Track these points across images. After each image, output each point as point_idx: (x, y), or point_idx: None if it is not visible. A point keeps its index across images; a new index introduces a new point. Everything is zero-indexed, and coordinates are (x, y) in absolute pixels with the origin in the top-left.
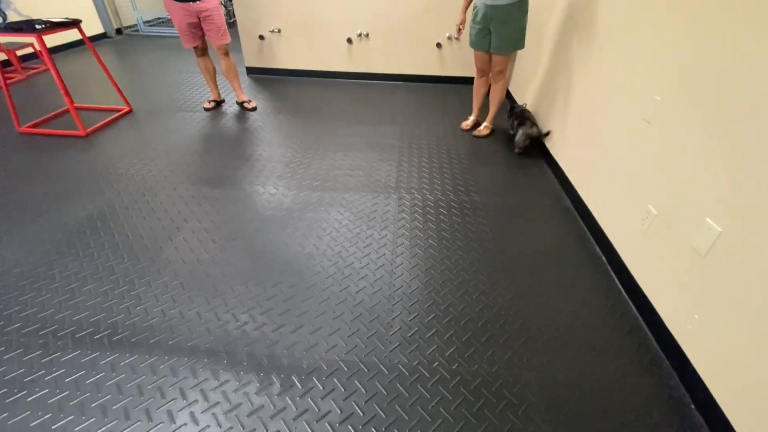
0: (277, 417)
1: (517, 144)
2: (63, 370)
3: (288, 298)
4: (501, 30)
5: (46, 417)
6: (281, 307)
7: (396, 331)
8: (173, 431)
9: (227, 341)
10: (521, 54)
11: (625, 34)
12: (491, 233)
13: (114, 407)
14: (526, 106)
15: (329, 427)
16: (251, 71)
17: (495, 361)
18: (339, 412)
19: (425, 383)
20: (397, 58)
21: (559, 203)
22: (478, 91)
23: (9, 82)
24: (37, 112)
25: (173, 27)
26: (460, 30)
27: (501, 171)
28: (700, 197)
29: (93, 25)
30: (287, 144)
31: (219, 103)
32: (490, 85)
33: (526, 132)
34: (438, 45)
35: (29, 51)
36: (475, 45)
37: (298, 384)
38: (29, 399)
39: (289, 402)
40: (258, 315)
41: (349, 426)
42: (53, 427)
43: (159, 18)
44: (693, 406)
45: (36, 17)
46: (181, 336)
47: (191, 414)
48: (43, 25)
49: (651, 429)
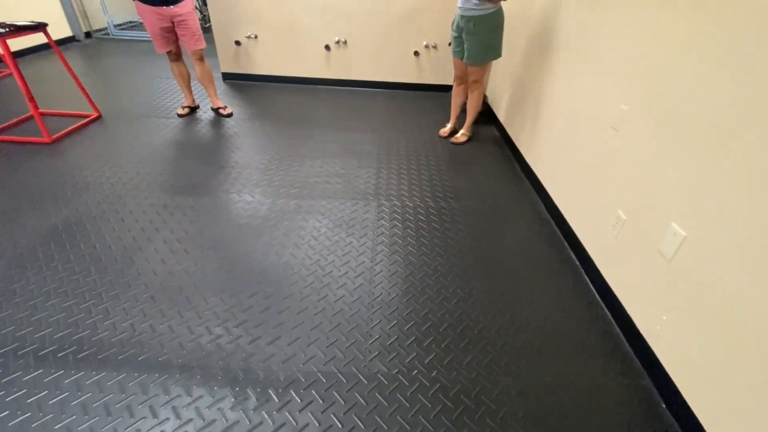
0: None
1: None
2: (24, 390)
3: (264, 309)
4: (471, 40)
5: None
6: (257, 319)
7: (375, 340)
8: None
9: (200, 355)
10: (497, 63)
11: (594, 45)
12: (469, 239)
13: (79, 428)
14: None
15: None
16: (227, 77)
17: (474, 367)
18: (317, 424)
19: (405, 392)
20: (375, 65)
21: (534, 209)
22: (455, 99)
23: None
24: None
25: (146, 31)
26: None
27: (478, 177)
28: (665, 203)
29: (61, 29)
30: (264, 151)
31: (193, 110)
32: (467, 94)
33: None
34: (416, 53)
35: None
36: (453, 52)
37: (274, 397)
38: None
39: (266, 416)
40: (233, 327)
41: None
42: None
43: (131, 22)
44: (664, 405)
45: (1, 20)
46: (152, 351)
47: None
48: (7, 29)
49: (625, 428)
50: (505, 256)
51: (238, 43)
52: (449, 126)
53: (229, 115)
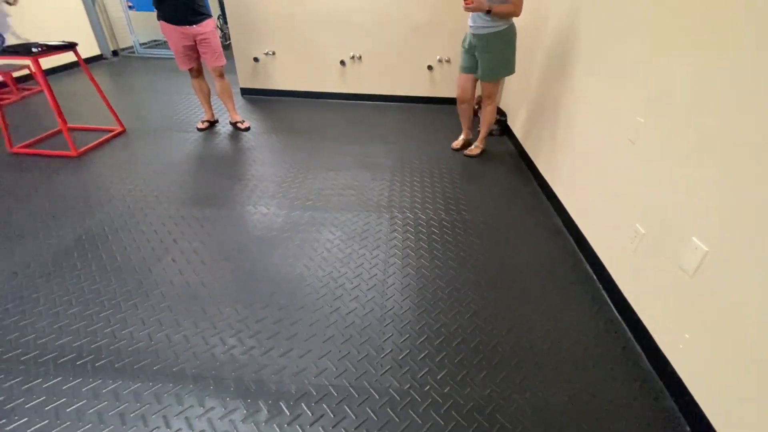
0: None
1: None
2: (43, 397)
3: (277, 320)
4: (484, 58)
5: None
6: (270, 330)
7: (387, 354)
8: None
9: (214, 366)
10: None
11: (609, 58)
12: (483, 252)
13: None
14: None
15: None
16: (245, 92)
17: (487, 384)
18: None
19: (416, 408)
20: (390, 79)
21: (550, 221)
22: (464, 113)
23: (3, 102)
24: (30, 132)
25: (169, 49)
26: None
27: (492, 190)
28: (686, 217)
29: (90, 47)
30: (280, 164)
31: (212, 124)
32: (475, 108)
33: None
34: (429, 67)
35: (26, 72)
36: (462, 68)
37: (286, 410)
38: (8, 428)
39: (277, 429)
40: (246, 338)
41: None
42: None
43: (155, 40)
44: (688, 428)
45: (34, 40)
46: (167, 361)
47: None
48: (40, 49)
49: None
50: (520, 269)
51: (256, 60)
52: (462, 138)
53: (247, 129)
